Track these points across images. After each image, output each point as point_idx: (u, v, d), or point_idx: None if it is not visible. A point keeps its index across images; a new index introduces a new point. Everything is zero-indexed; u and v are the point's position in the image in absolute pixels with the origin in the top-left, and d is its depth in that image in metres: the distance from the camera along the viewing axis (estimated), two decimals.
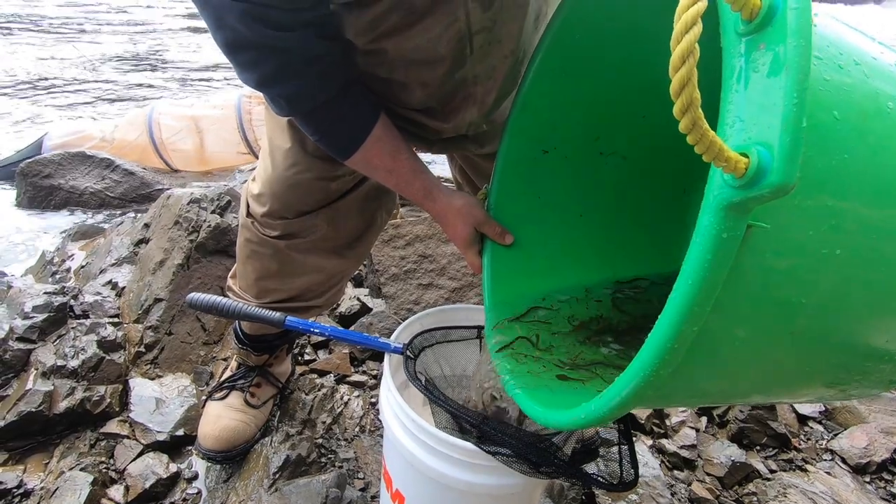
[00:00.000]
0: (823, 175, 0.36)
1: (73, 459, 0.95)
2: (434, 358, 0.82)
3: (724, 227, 0.33)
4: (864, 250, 0.39)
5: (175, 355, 1.22)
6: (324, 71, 0.66)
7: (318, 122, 0.70)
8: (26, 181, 2.35)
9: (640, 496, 0.97)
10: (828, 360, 0.44)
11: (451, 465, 0.65)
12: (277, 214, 0.85)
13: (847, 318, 0.42)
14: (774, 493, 1.03)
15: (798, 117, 0.29)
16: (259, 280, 0.93)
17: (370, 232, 0.95)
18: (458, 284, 1.45)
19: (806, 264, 0.38)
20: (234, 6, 0.57)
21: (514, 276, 0.75)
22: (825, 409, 1.33)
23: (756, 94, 0.31)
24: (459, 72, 0.70)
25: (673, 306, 0.36)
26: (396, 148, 0.73)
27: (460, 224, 0.75)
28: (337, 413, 1.13)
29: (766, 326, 0.40)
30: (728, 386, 0.46)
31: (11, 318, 1.11)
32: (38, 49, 4.38)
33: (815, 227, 0.37)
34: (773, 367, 0.43)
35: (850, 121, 0.36)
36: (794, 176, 0.29)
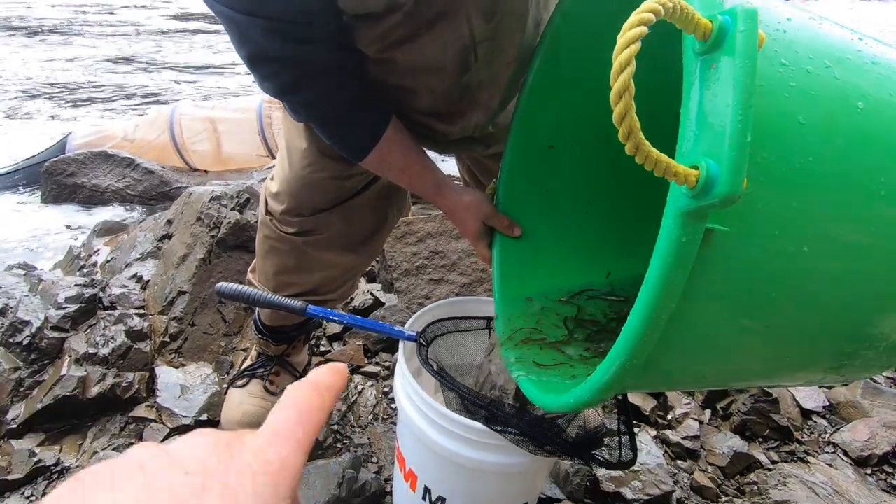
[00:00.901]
0: (788, 178, 0.39)
1: (105, 441, 1.01)
2: (445, 346, 0.86)
3: (683, 231, 0.36)
4: (832, 247, 0.42)
5: (198, 345, 1.28)
6: (339, 80, 0.70)
7: (334, 127, 0.75)
8: (51, 179, 2.44)
9: (643, 483, 1.01)
10: (802, 350, 0.47)
11: (462, 444, 0.69)
12: (294, 212, 0.90)
13: (818, 311, 0.45)
14: (775, 482, 1.06)
15: (742, 133, 0.32)
16: (277, 274, 0.98)
17: (383, 229, 1.00)
18: (468, 280, 1.49)
19: (774, 262, 0.41)
20: (255, 22, 0.62)
21: (523, 268, 0.79)
22: (829, 403, 1.35)
23: (708, 110, 0.34)
24: (465, 78, 0.74)
25: (639, 304, 0.40)
26: (407, 148, 0.77)
27: (470, 218, 0.79)
28: (351, 401, 1.18)
29: (738, 320, 0.43)
30: (704, 373, 0.49)
31: (46, 308, 1.17)
32: (40, 52, 4.49)
33: (781, 228, 0.39)
34: (749, 356, 0.47)
35: (815, 124, 0.39)
36: (740, 185, 0.33)
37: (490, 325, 0.88)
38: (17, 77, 3.89)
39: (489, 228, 0.80)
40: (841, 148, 0.39)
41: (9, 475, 0.91)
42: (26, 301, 1.19)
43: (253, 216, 1.47)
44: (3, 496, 0.89)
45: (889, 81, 0.43)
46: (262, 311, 1.08)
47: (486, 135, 0.89)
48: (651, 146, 0.34)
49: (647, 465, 1.04)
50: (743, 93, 0.32)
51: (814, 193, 0.40)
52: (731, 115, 0.32)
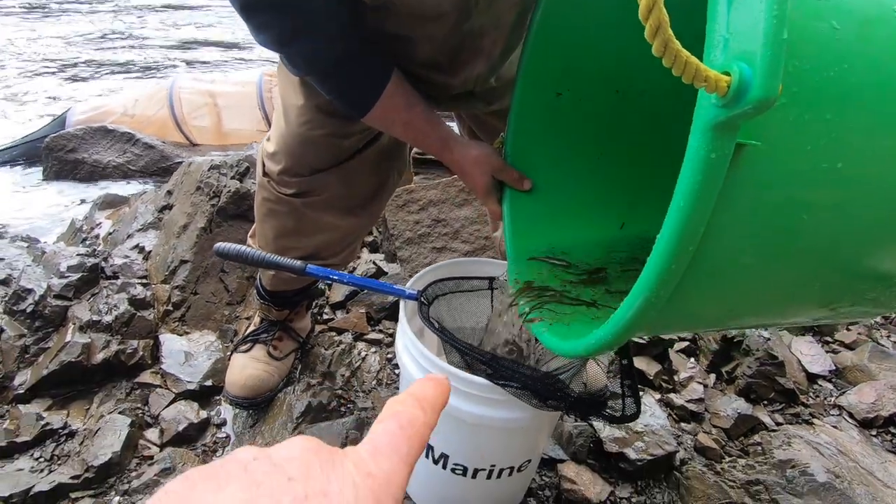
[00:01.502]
0: (820, 88, 0.36)
1: (112, 405, 1.02)
2: (447, 308, 0.85)
3: (712, 147, 0.34)
4: (868, 161, 0.39)
5: (201, 314, 1.28)
6: (339, 30, 0.68)
7: (335, 81, 0.72)
8: (52, 156, 2.42)
9: (647, 443, 1.01)
10: (828, 279, 0.45)
11: (464, 400, 0.69)
12: (292, 172, 0.87)
13: (851, 236, 0.43)
14: (779, 442, 1.06)
15: (778, 30, 0.29)
16: (277, 238, 0.96)
17: (383, 191, 0.98)
18: (471, 248, 1.48)
19: (805, 179, 0.38)
20: None
21: (534, 223, 0.77)
22: (835, 367, 1.35)
23: (739, 11, 0.31)
24: (466, 24, 0.71)
25: (667, 228, 0.38)
26: (411, 102, 0.75)
27: (478, 173, 0.77)
28: (355, 367, 1.19)
29: (767, 244, 0.41)
30: (728, 309, 0.48)
31: (48, 277, 1.17)
32: (25, 30, 4.42)
33: (813, 142, 0.37)
34: (771, 287, 0.45)
35: (850, 29, 0.36)
36: (776, 89, 0.30)
37: (493, 285, 0.87)
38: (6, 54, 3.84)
39: (498, 183, 0.78)
40: (876, 55, 0.37)
41: (17, 437, 0.92)
42: (29, 270, 1.19)
43: (252, 185, 1.46)
44: (12, 457, 0.90)
45: None
46: (263, 276, 1.08)
47: (488, 90, 0.86)
48: (681, 46, 0.31)
49: (650, 426, 1.04)
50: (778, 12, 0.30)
51: (848, 105, 0.37)
52: (765, 13, 0.30)
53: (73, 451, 0.92)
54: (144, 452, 0.96)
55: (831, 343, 1.46)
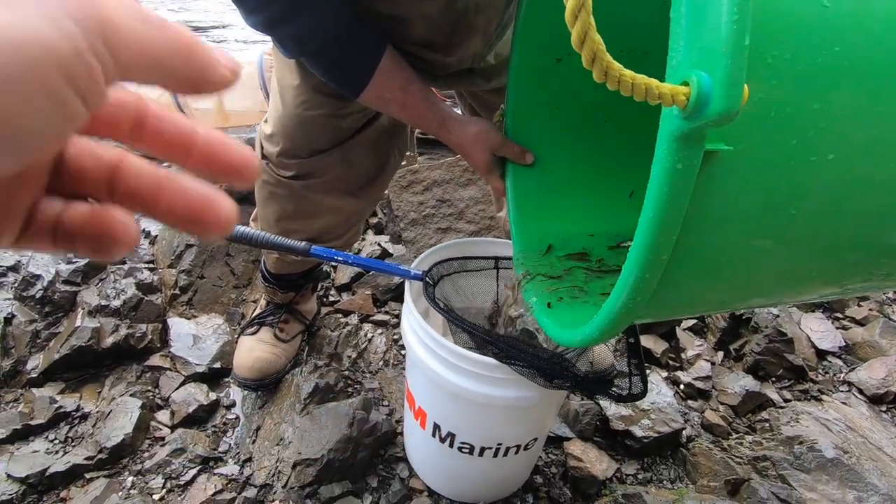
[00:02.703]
0: (806, 77, 0.34)
1: (123, 388, 1.03)
2: (453, 288, 0.85)
3: (678, 157, 0.32)
4: (864, 150, 0.37)
5: (208, 297, 1.29)
6: (328, 9, 0.66)
7: (327, 61, 0.71)
8: None
9: (653, 421, 1.01)
10: (824, 264, 0.44)
11: (471, 380, 0.69)
12: (291, 153, 0.86)
13: (845, 224, 0.41)
14: (787, 419, 1.05)
15: (738, 34, 0.27)
16: (278, 221, 0.95)
17: (385, 172, 0.96)
18: (476, 228, 1.47)
19: (793, 175, 0.36)
20: None
21: (540, 198, 0.75)
22: (845, 343, 1.34)
23: (698, 14, 0.29)
24: (459, 2, 0.69)
25: (637, 243, 0.36)
26: (406, 80, 0.73)
27: (478, 150, 0.75)
28: (361, 348, 1.19)
29: (753, 241, 0.40)
30: (717, 298, 0.47)
31: (56, 263, 1.18)
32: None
33: (799, 135, 0.35)
34: (763, 278, 0.44)
35: (843, 5, 0.34)
36: (738, 100, 0.28)
37: (498, 265, 0.86)
38: None
39: (500, 159, 0.77)
40: (874, 32, 0.35)
41: (32, 420, 0.93)
42: (37, 256, 1.19)
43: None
44: (27, 439, 0.92)
45: None
46: (267, 259, 1.07)
47: (487, 67, 0.84)
48: (623, 67, 0.29)
49: (657, 404, 1.04)
50: (739, 17, 0.27)
51: (840, 91, 0.35)
52: (724, 13, 0.27)
53: (86, 432, 0.94)
54: (156, 434, 0.97)
55: (842, 319, 1.45)
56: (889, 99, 0.37)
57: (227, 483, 0.89)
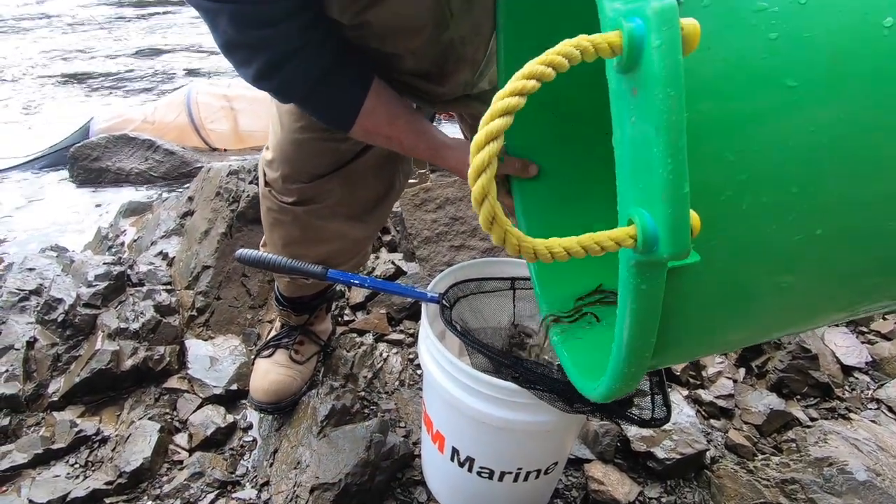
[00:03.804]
0: (782, 163, 0.32)
1: (142, 411, 1.04)
2: (469, 309, 0.84)
3: (641, 280, 0.31)
4: (852, 214, 0.36)
5: (224, 318, 1.30)
6: (309, 57, 0.67)
7: (313, 105, 0.73)
8: (77, 164, 2.49)
9: (675, 442, 0.99)
10: (815, 320, 0.44)
11: (489, 403, 0.68)
12: (291, 179, 0.86)
13: (837, 288, 0.40)
14: (815, 439, 1.02)
15: (676, 184, 0.26)
16: (286, 246, 0.95)
17: (389, 196, 0.96)
18: (489, 245, 1.46)
19: (776, 259, 0.35)
20: (222, 9, 0.61)
21: (548, 213, 0.73)
22: (872, 359, 1.30)
23: (638, 148, 0.27)
24: (444, 35, 0.70)
25: (616, 341, 0.36)
26: (392, 115, 0.73)
27: None
28: (377, 368, 1.19)
29: (745, 314, 0.40)
30: (720, 345, 0.46)
31: (77, 286, 1.20)
32: (40, 42, 4.50)
33: (780, 219, 0.34)
34: (754, 333, 0.44)
35: (817, 80, 0.31)
36: (686, 244, 0.27)
37: (514, 285, 0.86)
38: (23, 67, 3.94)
39: (504, 176, 0.76)
40: (856, 98, 0.32)
41: (53, 444, 0.94)
42: (58, 280, 1.22)
43: None
44: (48, 464, 0.92)
45: None
46: (279, 282, 1.08)
47: (483, 92, 0.85)
48: (521, 235, 0.28)
49: (679, 424, 1.02)
50: (669, 134, 0.25)
51: (823, 174, 0.33)
52: (660, 165, 0.26)
53: (105, 457, 0.94)
54: (174, 457, 0.97)
55: (867, 333, 1.41)
56: (874, 164, 0.36)
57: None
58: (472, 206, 0.28)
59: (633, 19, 0.25)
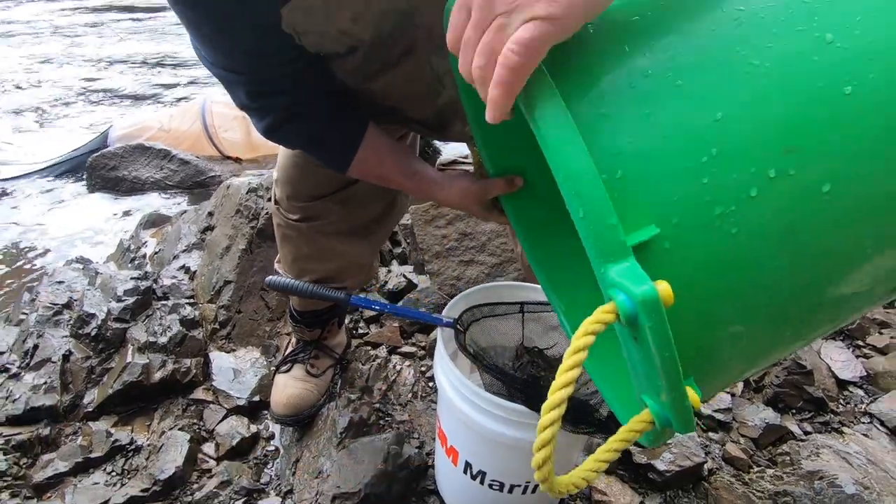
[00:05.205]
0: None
1: (171, 421, 1.11)
2: (480, 330, 0.90)
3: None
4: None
5: (245, 331, 1.36)
6: (305, 120, 0.75)
7: (312, 153, 0.82)
8: (95, 174, 2.56)
9: (675, 455, 1.04)
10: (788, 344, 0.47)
11: (501, 424, 0.74)
12: (294, 198, 0.93)
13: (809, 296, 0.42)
14: (807, 452, 1.08)
15: (681, 401, 0.35)
16: (295, 261, 1.02)
17: (390, 215, 1.02)
18: (497, 260, 1.52)
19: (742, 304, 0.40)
20: (238, 80, 0.69)
21: (542, 226, 0.76)
22: (866, 373, 1.35)
23: (645, 364, 0.35)
24: (440, 99, 0.76)
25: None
26: (383, 162, 0.79)
27: (467, 205, 0.80)
28: (391, 381, 1.25)
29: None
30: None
31: (107, 301, 1.26)
32: (57, 51, 4.58)
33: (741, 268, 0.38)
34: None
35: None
36: (692, 428, 0.36)
37: (524, 308, 0.91)
38: (42, 73, 4.02)
39: (492, 200, 0.79)
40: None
41: (91, 454, 1.01)
42: (88, 294, 1.28)
43: None
44: (88, 472, 0.99)
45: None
46: (293, 298, 1.14)
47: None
48: (562, 481, 0.40)
49: (678, 437, 1.07)
50: (668, 373, 0.34)
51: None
52: (667, 392, 0.35)
53: (140, 465, 1.01)
54: (203, 466, 1.04)
55: (863, 347, 1.46)
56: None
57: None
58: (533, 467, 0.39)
59: (620, 293, 0.34)
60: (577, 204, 0.35)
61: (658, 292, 0.32)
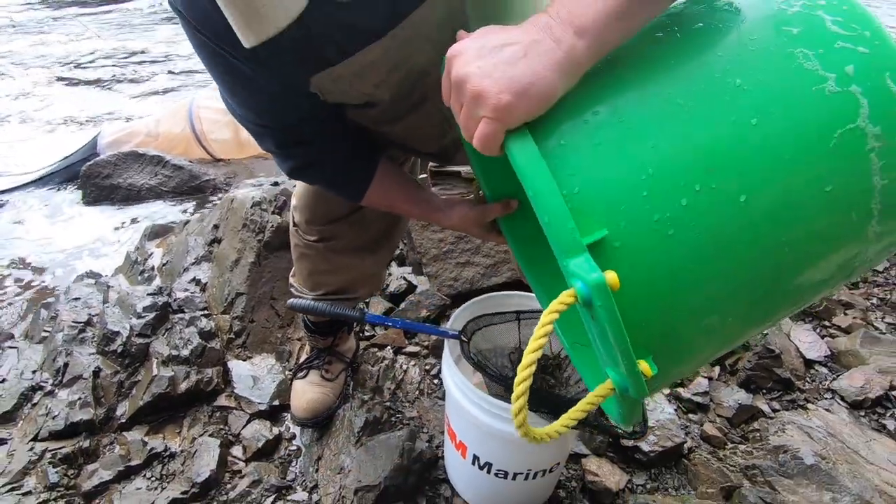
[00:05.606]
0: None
1: (200, 428, 1.20)
2: (482, 337, 1.00)
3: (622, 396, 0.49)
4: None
5: (258, 339, 1.45)
6: (323, 166, 0.84)
7: (332, 190, 0.91)
8: (89, 182, 2.59)
9: (658, 437, 1.16)
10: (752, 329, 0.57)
11: (506, 423, 0.84)
12: (311, 222, 1.04)
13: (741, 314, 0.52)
14: (775, 429, 1.21)
15: (633, 369, 0.43)
16: (311, 276, 1.13)
17: (395, 229, 1.12)
18: (492, 261, 1.62)
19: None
20: (265, 131, 0.78)
21: (536, 244, 0.83)
22: (830, 352, 1.48)
23: (603, 339, 0.45)
24: (446, 138, 0.86)
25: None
26: (391, 196, 0.89)
27: (468, 229, 0.89)
28: (399, 380, 1.35)
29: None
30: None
31: (128, 318, 1.34)
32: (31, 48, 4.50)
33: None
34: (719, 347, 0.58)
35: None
36: (645, 392, 0.45)
37: (519, 317, 1.01)
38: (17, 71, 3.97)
39: (491, 223, 0.88)
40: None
41: (130, 462, 1.10)
42: (109, 312, 1.36)
43: None
44: (129, 479, 1.09)
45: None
46: None
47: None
48: (533, 431, 0.50)
49: (660, 421, 1.20)
50: (619, 344, 0.42)
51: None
52: (621, 362, 0.43)
53: (177, 470, 1.11)
54: (233, 468, 1.14)
55: (829, 328, 1.60)
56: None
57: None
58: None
59: (577, 280, 0.42)
60: (543, 213, 0.45)
61: (606, 279, 0.41)
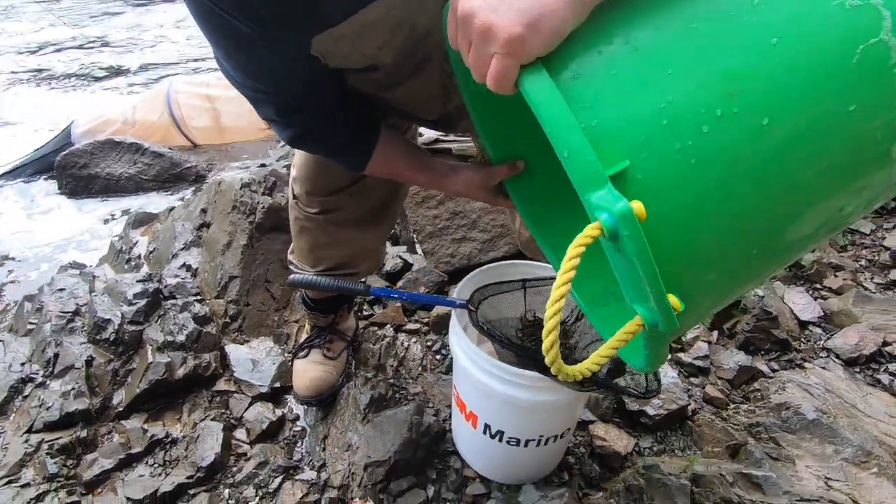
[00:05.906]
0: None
1: (200, 413, 1.18)
2: (489, 306, 0.99)
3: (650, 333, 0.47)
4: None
5: (255, 322, 1.42)
6: (324, 133, 0.81)
7: (334, 159, 0.88)
8: (65, 173, 2.50)
9: (662, 400, 1.17)
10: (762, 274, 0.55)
11: (517, 388, 0.84)
12: (312, 193, 1.00)
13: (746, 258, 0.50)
14: (775, 388, 1.23)
15: (661, 299, 0.41)
16: (311, 250, 1.09)
17: (394, 200, 1.09)
18: (488, 236, 1.60)
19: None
20: (266, 98, 0.74)
21: (544, 203, 0.83)
22: (823, 313, 1.51)
23: (630, 273, 0.42)
24: (451, 104, 0.83)
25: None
26: (394, 163, 0.87)
27: (473, 193, 0.87)
28: (401, 357, 1.34)
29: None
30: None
31: (118, 305, 1.30)
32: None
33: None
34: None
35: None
36: (675, 325, 0.43)
37: (525, 284, 1.00)
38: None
39: (497, 186, 0.85)
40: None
41: (131, 449, 1.07)
42: (98, 300, 1.32)
43: (282, 198, 1.57)
44: (132, 466, 1.06)
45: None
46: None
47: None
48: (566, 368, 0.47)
49: (664, 385, 1.20)
50: (650, 278, 0.40)
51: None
52: (650, 294, 0.41)
53: (180, 455, 1.08)
54: (238, 450, 1.12)
55: (820, 290, 1.62)
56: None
57: (310, 487, 1.04)
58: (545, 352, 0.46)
59: (603, 212, 0.41)
60: (562, 147, 0.43)
61: (632, 208, 0.40)
